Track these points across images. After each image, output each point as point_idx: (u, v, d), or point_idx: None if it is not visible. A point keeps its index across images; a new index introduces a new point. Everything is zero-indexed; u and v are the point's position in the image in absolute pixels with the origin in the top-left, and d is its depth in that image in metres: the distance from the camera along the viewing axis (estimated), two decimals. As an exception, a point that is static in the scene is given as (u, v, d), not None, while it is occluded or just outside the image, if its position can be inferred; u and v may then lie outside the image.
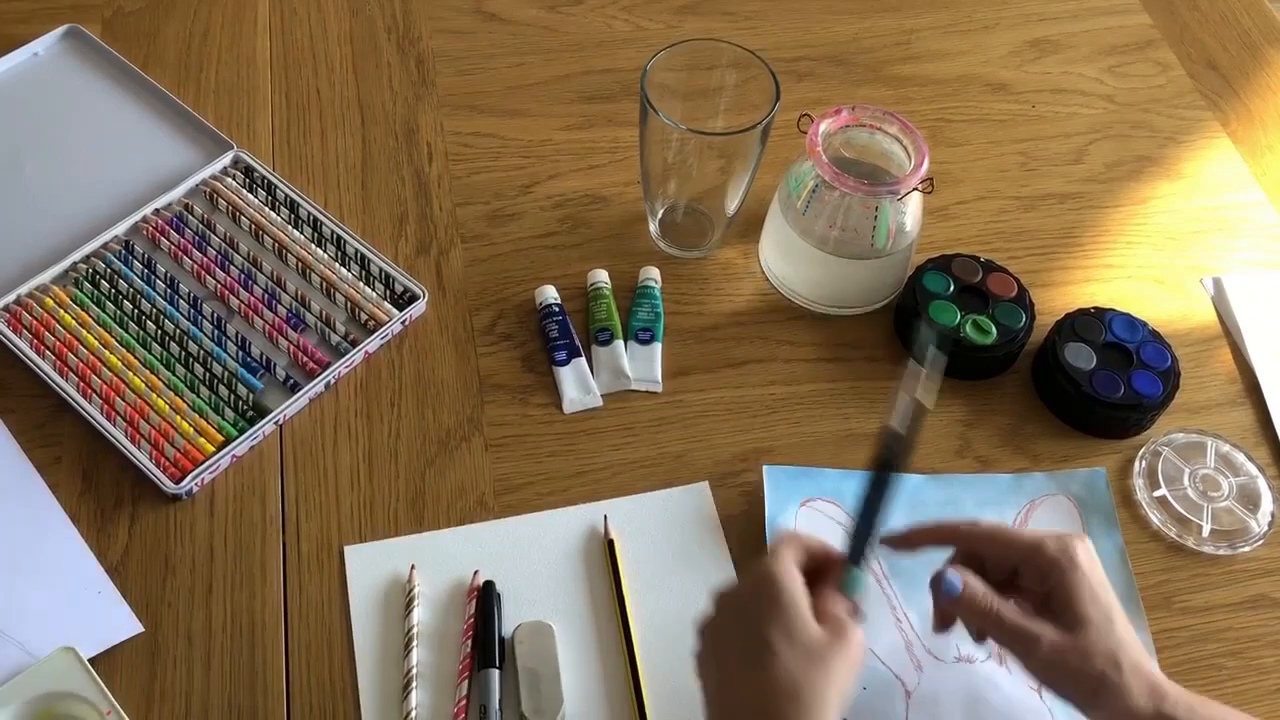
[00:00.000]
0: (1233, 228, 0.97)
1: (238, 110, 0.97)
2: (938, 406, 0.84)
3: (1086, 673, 0.60)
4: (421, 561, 0.74)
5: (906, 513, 0.78)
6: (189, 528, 0.75)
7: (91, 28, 1.00)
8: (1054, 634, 0.61)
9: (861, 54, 1.07)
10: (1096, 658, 0.60)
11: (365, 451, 0.79)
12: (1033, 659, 0.62)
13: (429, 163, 0.95)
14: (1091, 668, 0.60)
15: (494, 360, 0.84)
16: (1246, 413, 0.86)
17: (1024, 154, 1.00)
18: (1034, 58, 1.08)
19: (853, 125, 0.84)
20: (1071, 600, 0.61)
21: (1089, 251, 0.94)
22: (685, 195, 0.90)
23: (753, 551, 0.76)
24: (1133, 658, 0.61)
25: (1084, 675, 0.60)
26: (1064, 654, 0.60)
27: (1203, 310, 0.92)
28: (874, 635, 0.73)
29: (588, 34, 1.06)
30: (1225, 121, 1.04)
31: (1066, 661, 0.60)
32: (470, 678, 0.70)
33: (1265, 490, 0.81)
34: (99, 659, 0.69)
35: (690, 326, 0.87)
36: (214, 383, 0.81)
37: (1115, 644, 0.61)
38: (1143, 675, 0.60)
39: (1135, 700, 0.59)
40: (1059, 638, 0.61)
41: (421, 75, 1.01)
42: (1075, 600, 0.61)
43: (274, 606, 0.73)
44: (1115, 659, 0.60)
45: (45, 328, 0.82)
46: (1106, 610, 0.61)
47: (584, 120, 0.99)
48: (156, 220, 0.88)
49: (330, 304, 0.86)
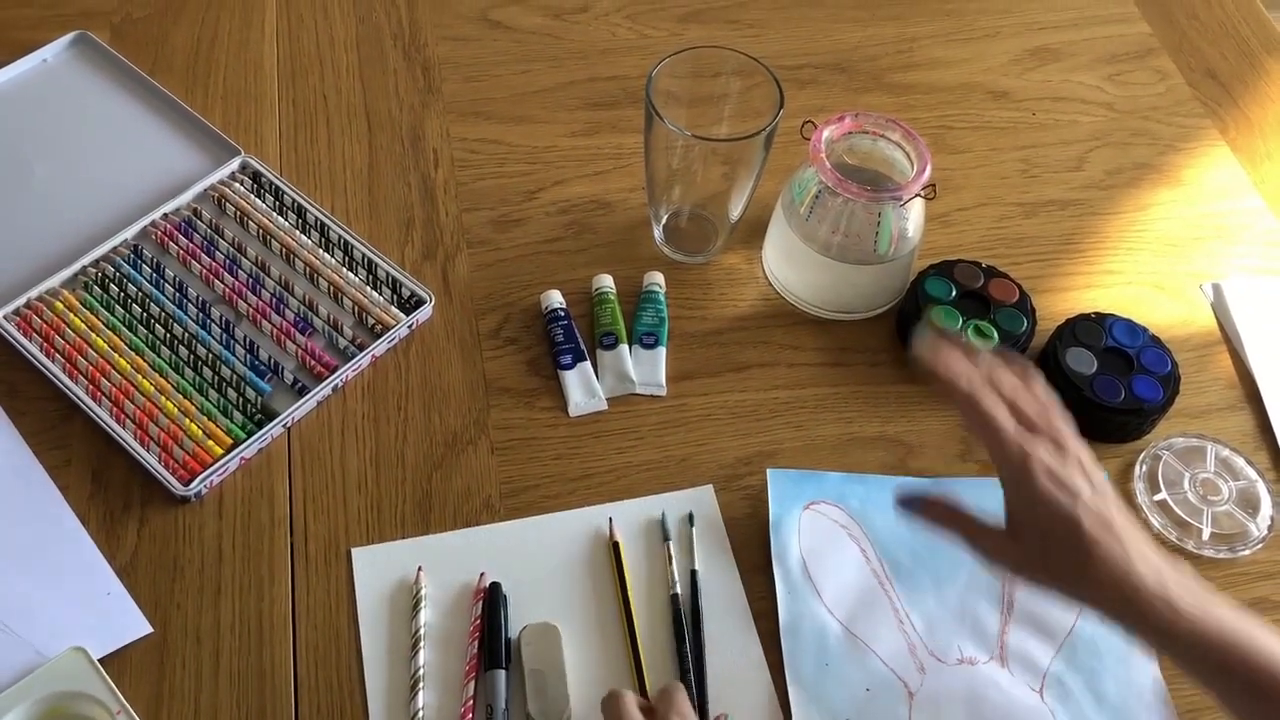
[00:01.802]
0: (1232, 234, 0.98)
1: (245, 116, 0.98)
2: (941, 411, 0.85)
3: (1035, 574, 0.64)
4: (428, 563, 0.75)
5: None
6: (198, 529, 0.76)
7: (100, 34, 1.01)
8: (996, 542, 0.65)
9: (864, 62, 1.08)
10: (1041, 560, 0.63)
11: (372, 454, 0.80)
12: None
13: (435, 168, 0.96)
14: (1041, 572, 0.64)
15: (500, 364, 0.85)
16: (1246, 417, 0.86)
17: (1025, 161, 1.01)
18: (1034, 66, 1.09)
19: (855, 132, 0.85)
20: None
21: (1090, 257, 0.95)
22: (689, 201, 0.90)
23: (756, 553, 0.76)
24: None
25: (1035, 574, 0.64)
26: (1004, 559, 0.65)
27: (1202, 316, 0.92)
28: (877, 637, 0.74)
29: (592, 41, 1.07)
30: (1224, 129, 1.05)
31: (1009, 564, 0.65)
32: (477, 679, 0.70)
33: (1265, 494, 0.82)
34: (109, 659, 0.70)
35: (694, 331, 0.88)
36: (222, 386, 0.81)
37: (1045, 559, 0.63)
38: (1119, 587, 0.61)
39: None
40: (1000, 546, 0.65)
41: (428, 82, 1.02)
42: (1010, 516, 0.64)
43: (282, 607, 0.73)
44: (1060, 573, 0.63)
45: (55, 331, 0.83)
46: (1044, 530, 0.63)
47: (589, 127, 1.00)
48: (165, 225, 0.89)
49: (338, 308, 0.86)
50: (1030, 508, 0.63)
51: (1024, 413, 0.65)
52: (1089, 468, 0.64)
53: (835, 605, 0.75)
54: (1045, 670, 0.73)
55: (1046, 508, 0.62)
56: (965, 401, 0.64)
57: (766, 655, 0.73)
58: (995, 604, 0.75)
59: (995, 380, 0.65)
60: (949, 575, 0.76)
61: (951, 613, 0.75)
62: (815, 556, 0.76)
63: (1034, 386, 0.66)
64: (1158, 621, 0.61)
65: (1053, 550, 0.63)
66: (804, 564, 0.76)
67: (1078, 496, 0.62)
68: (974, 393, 0.64)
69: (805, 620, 0.74)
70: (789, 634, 0.73)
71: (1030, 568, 0.64)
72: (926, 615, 0.74)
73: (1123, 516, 0.63)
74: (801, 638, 0.73)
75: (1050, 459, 0.63)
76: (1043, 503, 0.62)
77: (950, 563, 0.76)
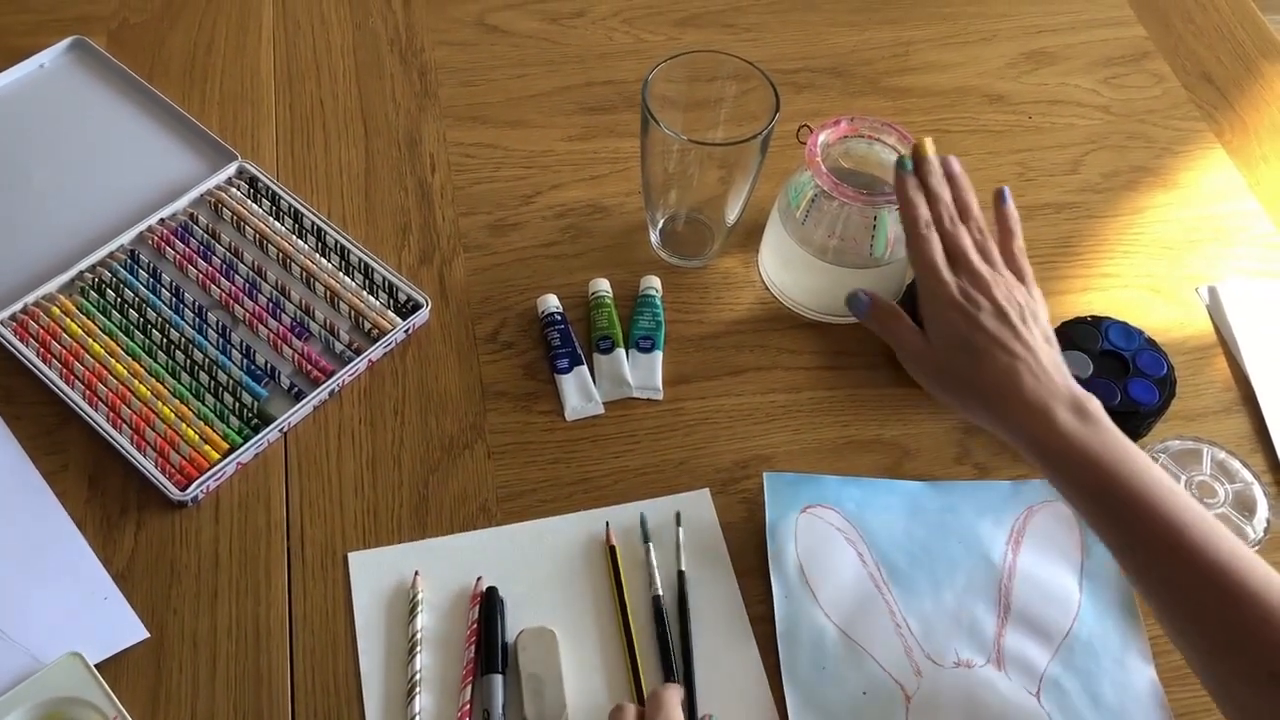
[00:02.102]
0: (1228, 237, 0.98)
1: (242, 121, 0.98)
2: (938, 414, 0.85)
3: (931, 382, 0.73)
4: (425, 568, 0.75)
5: (907, 519, 0.79)
6: (194, 534, 0.76)
7: (97, 39, 1.01)
8: (913, 343, 0.73)
9: (860, 66, 1.08)
10: (937, 372, 0.72)
11: (369, 459, 0.80)
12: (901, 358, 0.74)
13: (432, 173, 0.96)
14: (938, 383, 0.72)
15: (496, 368, 0.85)
16: (1242, 420, 0.86)
17: (1021, 164, 1.01)
18: (1030, 69, 1.09)
19: (851, 136, 0.85)
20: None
21: (1085, 261, 0.95)
22: (686, 205, 0.91)
23: (753, 557, 0.76)
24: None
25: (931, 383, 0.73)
26: (912, 364, 0.74)
27: (1198, 319, 0.92)
28: (874, 641, 0.74)
29: (589, 46, 1.07)
30: (1220, 132, 1.05)
31: (916, 371, 0.74)
32: (473, 683, 0.70)
33: (1261, 497, 0.82)
34: (105, 664, 0.70)
35: (691, 335, 0.88)
36: (219, 391, 0.81)
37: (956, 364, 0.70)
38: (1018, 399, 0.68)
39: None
40: (915, 348, 0.73)
41: (424, 86, 1.02)
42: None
43: (279, 612, 0.73)
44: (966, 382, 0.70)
45: (51, 336, 0.83)
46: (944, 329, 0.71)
47: (585, 131, 1.00)
48: (162, 230, 0.89)
49: (334, 313, 0.86)
50: (935, 326, 0.71)
51: (982, 250, 0.73)
52: (1002, 292, 0.71)
53: (832, 608, 0.75)
54: (1042, 673, 0.73)
55: (946, 325, 0.70)
56: (899, 188, 0.75)
57: (763, 659, 0.73)
58: (992, 607, 0.75)
59: (958, 194, 0.76)
60: (946, 578, 0.76)
61: (948, 615, 0.75)
62: (812, 560, 0.76)
63: (1003, 208, 0.77)
64: (1033, 435, 0.66)
65: (948, 368, 0.70)
66: (801, 567, 0.76)
67: (973, 319, 0.69)
68: (908, 184, 0.75)
69: (802, 624, 0.74)
70: (786, 637, 0.73)
71: (930, 378, 0.72)
72: (923, 618, 0.74)
73: (1030, 345, 0.68)
74: (798, 641, 0.73)
75: (964, 273, 0.71)
76: (944, 319, 0.70)
77: (947, 566, 0.76)
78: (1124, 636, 0.75)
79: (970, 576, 0.76)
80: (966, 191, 0.77)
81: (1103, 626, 0.75)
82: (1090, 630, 0.75)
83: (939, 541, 0.78)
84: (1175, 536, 0.61)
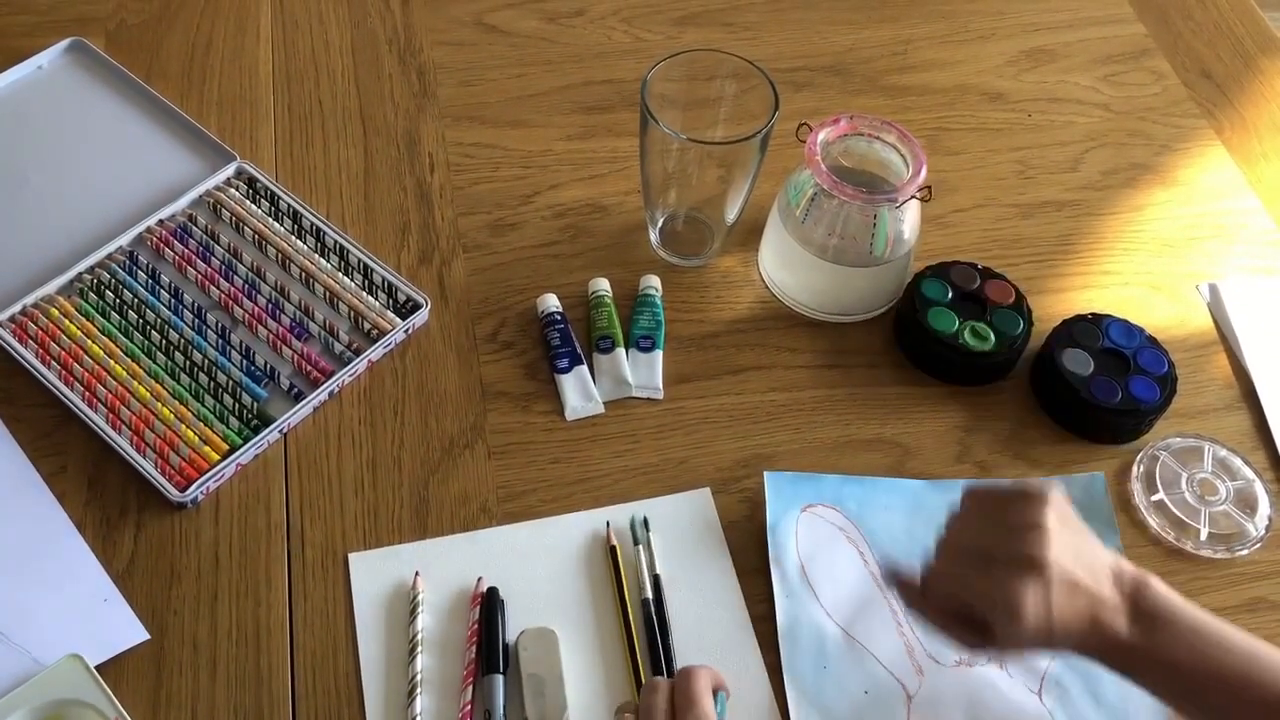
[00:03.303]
0: (1228, 234, 0.98)
1: (241, 121, 0.98)
2: (938, 412, 0.85)
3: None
4: (425, 568, 0.75)
5: (908, 516, 0.79)
6: (194, 536, 0.76)
7: (95, 40, 1.01)
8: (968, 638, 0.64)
9: (859, 64, 1.08)
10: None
11: (369, 459, 0.80)
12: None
13: (430, 173, 0.96)
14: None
15: (496, 368, 0.85)
16: (1243, 417, 0.86)
17: (1021, 162, 1.01)
18: (1030, 67, 1.09)
19: (851, 134, 0.85)
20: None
21: (1086, 258, 0.95)
22: (685, 204, 0.90)
23: (754, 556, 0.76)
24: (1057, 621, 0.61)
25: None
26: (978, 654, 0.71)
27: (1199, 316, 0.92)
28: (875, 640, 0.73)
29: (588, 45, 1.07)
30: (1220, 129, 1.05)
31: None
32: (474, 684, 0.70)
33: (1262, 494, 0.82)
34: (105, 666, 0.70)
35: (691, 334, 0.88)
36: (219, 392, 0.81)
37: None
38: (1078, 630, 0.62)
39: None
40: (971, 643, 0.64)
41: (423, 86, 1.02)
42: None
43: (279, 613, 0.73)
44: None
45: (51, 338, 0.82)
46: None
47: (584, 130, 1.00)
48: (161, 231, 0.89)
49: (334, 313, 0.86)
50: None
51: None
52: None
53: (833, 608, 0.74)
54: (1044, 672, 0.73)
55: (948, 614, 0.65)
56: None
57: (765, 658, 0.73)
58: (993, 606, 0.75)
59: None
60: (947, 577, 0.76)
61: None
62: (813, 559, 0.76)
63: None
64: (1109, 660, 0.63)
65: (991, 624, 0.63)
66: (802, 567, 0.76)
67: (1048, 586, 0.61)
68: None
69: (803, 623, 0.74)
70: (787, 637, 0.73)
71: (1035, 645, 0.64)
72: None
73: (1043, 557, 0.61)
74: (799, 641, 0.73)
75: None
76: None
77: (948, 565, 0.76)
78: (1126, 635, 0.75)
79: (971, 575, 0.76)
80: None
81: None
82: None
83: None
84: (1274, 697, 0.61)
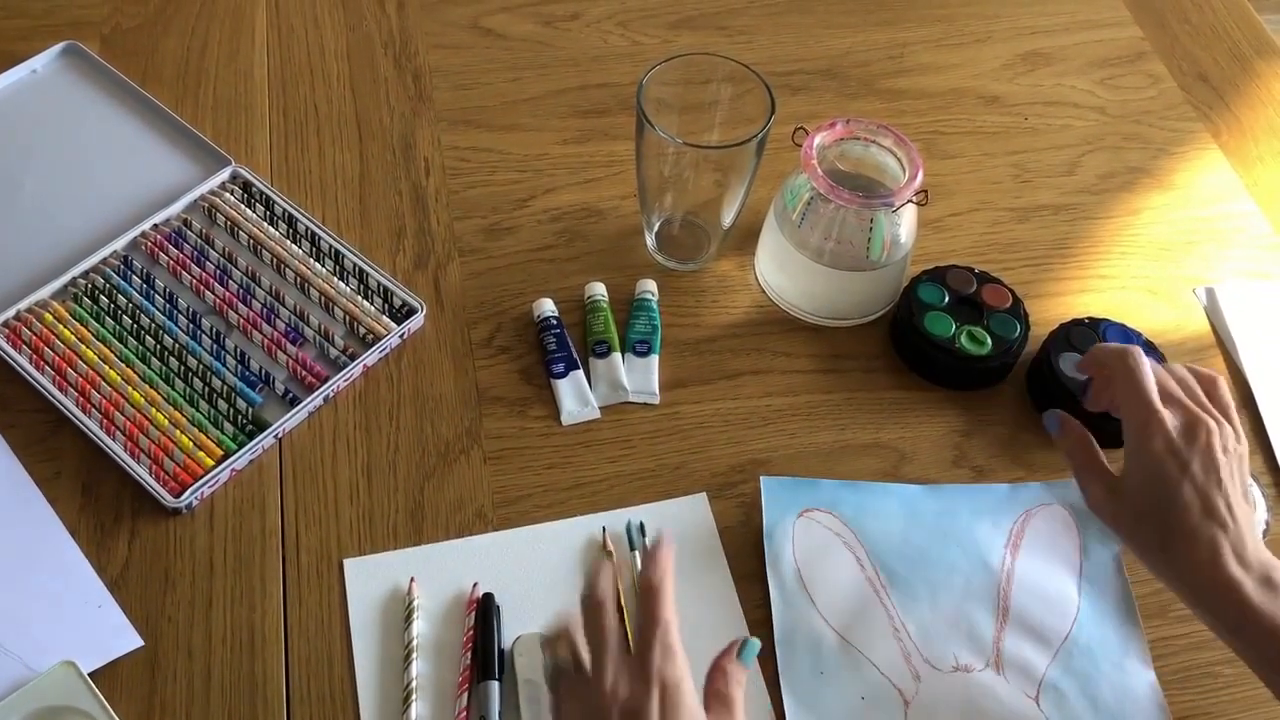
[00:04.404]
0: (1225, 238, 0.98)
1: (236, 126, 0.98)
2: (935, 417, 0.84)
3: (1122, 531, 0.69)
4: (421, 574, 0.75)
5: (904, 522, 0.78)
6: (189, 541, 0.76)
7: (90, 44, 1.01)
8: (1100, 491, 0.69)
9: (855, 68, 1.07)
10: (1133, 521, 0.67)
11: (364, 465, 0.80)
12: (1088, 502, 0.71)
13: (426, 177, 0.96)
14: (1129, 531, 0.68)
15: (492, 373, 0.85)
16: (1240, 421, 0.86)
17: (1017, 166, 1.01)
18: (1026, 70, 1.09)
19: (847, 138, 0.85)
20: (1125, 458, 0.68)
21: (1082, 262, 0.95)
22: (681, 208, 0.90)
23: (751, 561, 0.76)
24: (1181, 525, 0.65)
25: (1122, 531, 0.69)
26: (1100, 512, 0.70)
27: (1196, 320, 0.92)
28: (872, 645, 0.73)
29: (584, 49, 1.07)
30: (1216, 133, 1.05)
31: (1104, 517, 0.70)
32: (470, 690, 0.70)
33: (1259, 498, 0.81)
34: (99, 673, 0.69)
35: (687, 339, 0.88)
36: (213, 397, 0.81)
37: (1155, 507, 0.66)
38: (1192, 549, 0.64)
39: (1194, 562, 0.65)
40: (1102, 496, 0.69)
41: (419, 90, 1.02)
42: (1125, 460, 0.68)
43: (274, 620, 0.73)
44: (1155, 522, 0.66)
45: (45, 343, 0.82)
46: (1153, 475, 0.66)
47: (580, 134, 1.00)
48: (155, 235, 0.89)
49: (329, 318, 0.86)
50: (1140, 468, 0.66)
51: (1186, 388, 0.69)
52: (1218, 453, 0.66)
53: (830, 613, 0.74)
54: (1041, 677, 0.73)
55: (1152, 471, 0.66)
56: (1116, 356, 0.69)
57: (761, 664, 0.72)
58: (991, 611, 0.75)
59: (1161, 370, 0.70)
60: (944, 582, 0.76)
61: (946, 620, 0.74)
62: (810, 564, 0.76)
63: (1176, 369, 0.71)
64: (1223, 610, 0.64)
65: (1145, 517, 0.66)
66: (798, 572, 0.76)
67: (1186, 470, 0.65)
68: (1127, 351, 0.69)
69: (800, 629, 0.73)
70: (784, 643, 0.73)
71: (1122, 527, 0.68)
72: (921, 622, 0.74)
73: (1233, 509, 0.65)
74: (796, 646, 0.73)
75: (1177, 432, 0.66)
76: (1151, 465, 0.66)
77: (945, 569, 0.76)
78: (1123, 640, 0.75)
79: (968, 580, 0.76)
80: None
81: (1102, 630, 0.75)
82: (1089, 634, 0.74)
83: (937, 545, 0.77)
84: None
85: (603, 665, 0.57)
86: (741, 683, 0.60)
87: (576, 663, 0.58)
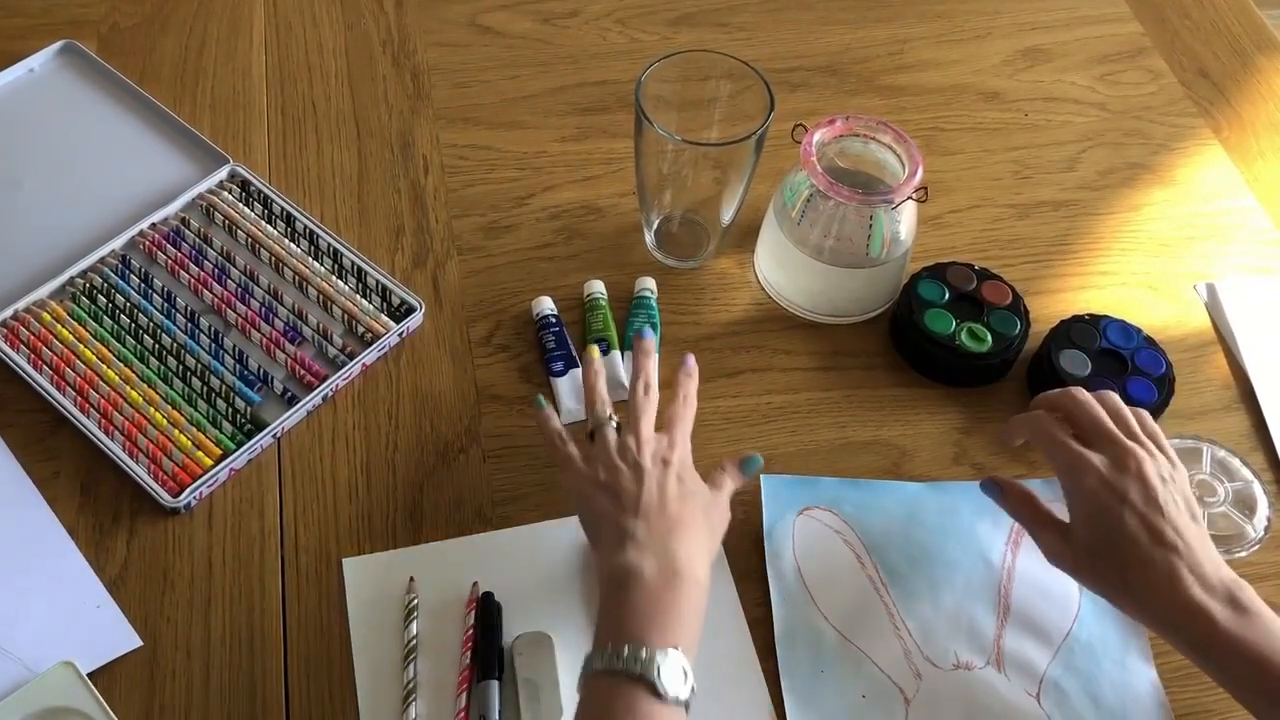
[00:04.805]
0: (1225, 234, 0.97)
1: (234, 124, 0.98)
2: (935, 414, 0.84)
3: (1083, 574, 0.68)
4: (420, 573, 0.74)
5: (905, 520, 0.78)
6: (187, 541, 0.76)
7: (88, 43, 1.01)
8: (1054, 539, 0.68)
9: (855, 64, 1.07)
10: (1089, 561, 0.67)
11: (363, 464, 0.80)
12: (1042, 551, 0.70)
13: (425, 175, 0.96)
14: (1088, 573, 0.67)
15: (491, 371, 0.85)
16: (1241, 418, 0.86)
17: (1017, 162, 1.01)
18: (1026, 66, 1.08)
19: (847, 135, 0.85)
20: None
21: (1083, 258, 0.95)
22: (681, 206, 0.90)
23: (751, 559, 0.76)
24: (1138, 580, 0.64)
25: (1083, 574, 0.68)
26: (1059, 561, 0.69)
27: (1197, 316, 0.92)
28: (873, 643, 0.73)
29: (582, 46, 1.06)
30: (1217, 128, 1.05)
31: (1064, 565, 0.69)
32: (470, 689, 0.70)
33: (1261, 495, 0.81)
34: (98, 673, 0.69)
35: (686, 336, 0.87)
36: (212, 396, 0.81)
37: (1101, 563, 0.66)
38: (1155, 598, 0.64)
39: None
40: (1057, 545, 0.68)
41: (417, 88, 1.02)
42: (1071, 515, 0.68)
43: (273, 619, 0.73)
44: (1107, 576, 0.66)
45: (43, 342, 0.82)
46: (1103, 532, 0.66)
47: (579, 132, 1.00)
48: (153, 234, 0.89)
49: (327, 317, 0.86)
50: (1079, 507, 0.67)
51: (1119, 419, 0.69)
52: (1154, 479, 0.65)
53: (830, 611, 0.74)
54: (1042, 675, 0.73)
55: (1092, 507, 0.66)
56: (1028, 424, 0.71)
57: (762, 663, 0.72)
58: (991, 608, 0.75)
59: (1063, 399, 0.71)
60: (945, 580, 0.76)
61: (947, 618, 0.74)
62: (810, 562, 0.76)
63: (1107, 399, 0.71)
64: (1193, 638, 0.63)
65: (1098, 555, 0.66)
66: (799, 570, 0.75)
67: (1125, 500, 0.65)
68: (1034, 415, 0.71)
69: (800, 627, 0.73)
70: (784, 641, 0.73)
71: (1081, 570, 0.67)
72: (922, 620, 0.74)
73: (1181, 532, 0.64)
74: (797, 645, 0.73)
75: (1106, 467, 0.66)
76: (1090, 502, 0.66)
77: (946, 567, 0.76)
78: (1124, 638, 0.74)
79: (969, 578, 0.76)
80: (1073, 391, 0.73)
81: (1102, 628, 0.74)
82: (1090, 631, 0.74)
83: (937, 543, 0.77)
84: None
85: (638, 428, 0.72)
86: (735, 481, 0.73)
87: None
